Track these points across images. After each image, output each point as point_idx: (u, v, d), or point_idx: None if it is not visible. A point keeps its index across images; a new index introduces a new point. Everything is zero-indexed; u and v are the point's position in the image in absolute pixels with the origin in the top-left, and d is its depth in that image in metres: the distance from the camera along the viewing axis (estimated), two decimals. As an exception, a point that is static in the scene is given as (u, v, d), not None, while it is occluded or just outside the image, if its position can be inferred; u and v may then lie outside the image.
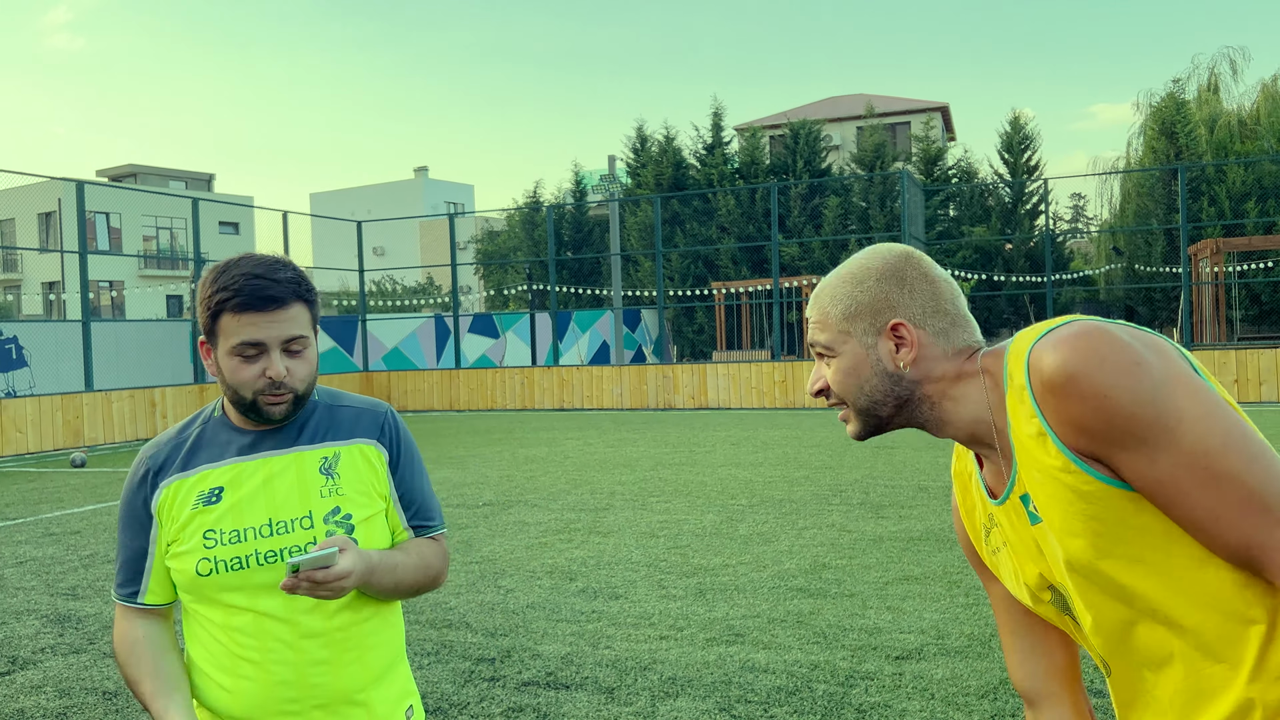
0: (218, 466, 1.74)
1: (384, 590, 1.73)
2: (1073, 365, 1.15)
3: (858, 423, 1.39)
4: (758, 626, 5.21)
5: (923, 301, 1.35)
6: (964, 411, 1.33)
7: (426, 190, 58.67)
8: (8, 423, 15.44)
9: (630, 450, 13.52)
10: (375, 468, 1.80)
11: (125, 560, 1.78)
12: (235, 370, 1.67)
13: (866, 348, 1.35)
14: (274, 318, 1.65)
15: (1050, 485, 1.22)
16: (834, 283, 1.40)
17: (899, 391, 1.35)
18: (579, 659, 4.80)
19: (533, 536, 7.76)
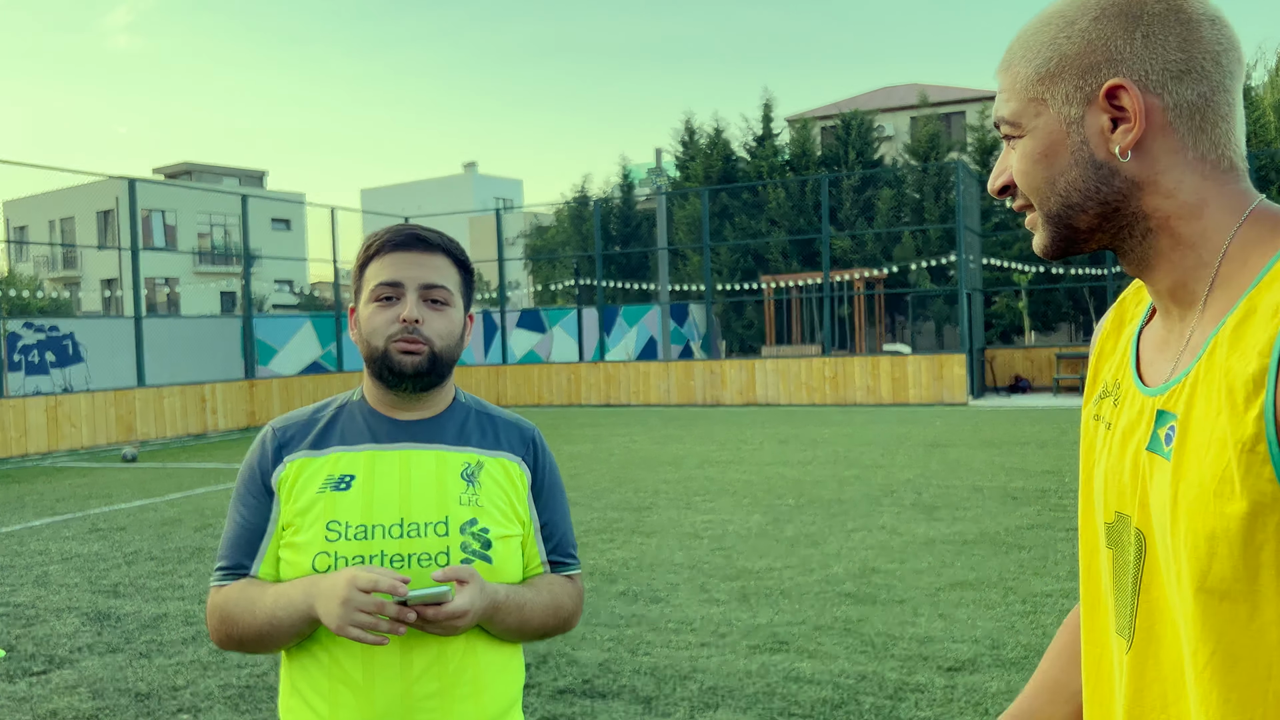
0: (352, 450, 1.60)
1: (507, 630, 1.58)
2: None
3: (1046, 232, 0.98)
4: (803, 634, 5.02)
5: (1167, 55, 0.89)
6: (1182, 263, 0.92)
7: (475, 186, 59.00)
8: (63, 418, 15.70)
9: (676, 447, 13.35)
10: (518, 487, 1.66)
11: (236, 537, 1.61)
12: (370, 317, 1.59)
13: (1066, 121, 0.93)
14: (417, 259, 1.58)
15: (1214, 446, 0.84)
16: (1035, 26, 0.97)
17: (1106, 194, 0.93)
18: (617, 666, 4.65)
19: (576, 537, 7.62)
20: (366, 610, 1.41)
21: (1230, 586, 0.83)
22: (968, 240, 21.03)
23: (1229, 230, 0.90)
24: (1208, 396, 0.86)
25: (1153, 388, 0.96)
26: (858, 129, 31.41)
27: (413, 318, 1.56)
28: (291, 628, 1.52)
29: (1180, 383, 0.90)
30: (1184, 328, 0.94)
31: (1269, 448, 0.80)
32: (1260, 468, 0.81)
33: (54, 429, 15.55)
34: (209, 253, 45.99)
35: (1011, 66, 0.98)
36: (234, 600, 1.58)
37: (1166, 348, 0.97)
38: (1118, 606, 0.99)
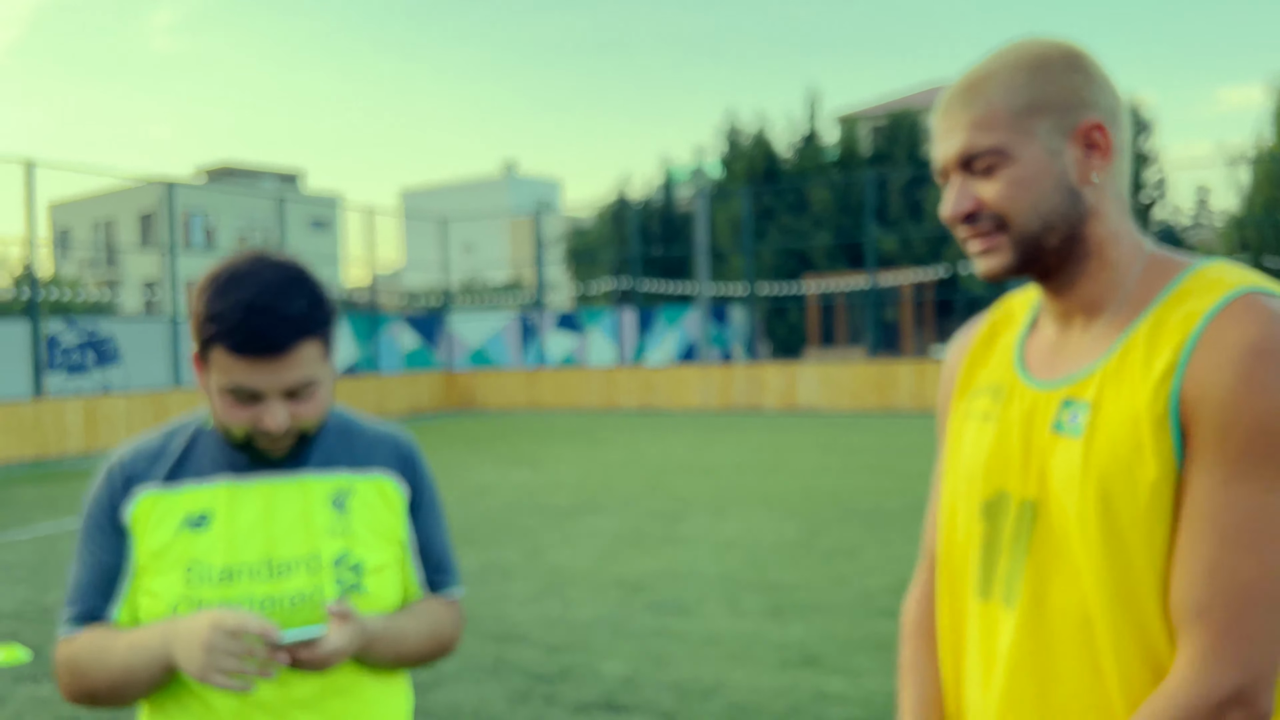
0: (208, 485, 1.46)
1: (383, 662, 1.48)
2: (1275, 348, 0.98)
3: (1011, 253, 1.12)
4: (835, 650, 4.85)
5: (1109, 102, 1.10)
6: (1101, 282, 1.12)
7: (515, 187, 59.23)
8: (101, 419, 15.86)
9: (712, 454, 13.19)
10: (393, 507, 1.53)
11: (87, 580, 1.45)
12: (226, 410, 1.40)
13: (1050, 152, 1.09)
14: (275, 365, 1.35)
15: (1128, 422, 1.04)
16: (997, 71, 1.11)
17: (1073, 218, 1.10)
18: (640, 680, 4.52)
19: (603, 545, 7.50)
20: (233, 654, 1.29)
21: (1133, 543, 1.03)
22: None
23: (1137, 257, 1.12)
24: (1124, 382, 1.06)
25: (1051, 380, 1.13)
26: (906, 127, 31.01)
27: (278, 429, 1.39)
28: (149, 677, 1.38)
29: (1090, 375, 1.09)
30: (1091, 332, 1.12)
31: (1170, 422, 1.02)
32: (1165, 441, 1.02)
33: (92, 430, 15.72)
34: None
35: (989, 100, 1.10)
36: (85, 650, 1.42)
37: (1065, 350, 1.15)
38: (990, 574, 1.16)
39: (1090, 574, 1.06)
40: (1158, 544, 1.03)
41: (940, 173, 1.15)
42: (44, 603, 6.24)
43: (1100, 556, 1.05)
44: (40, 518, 9.53)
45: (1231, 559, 0.98)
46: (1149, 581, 1.04)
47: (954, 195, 1.13)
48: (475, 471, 11.94)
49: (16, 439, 14.68)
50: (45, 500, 10.69)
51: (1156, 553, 1.03)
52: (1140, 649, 1.05)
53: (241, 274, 1.37)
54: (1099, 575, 1.05)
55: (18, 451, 14.68)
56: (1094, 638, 1.07)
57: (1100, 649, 1.06)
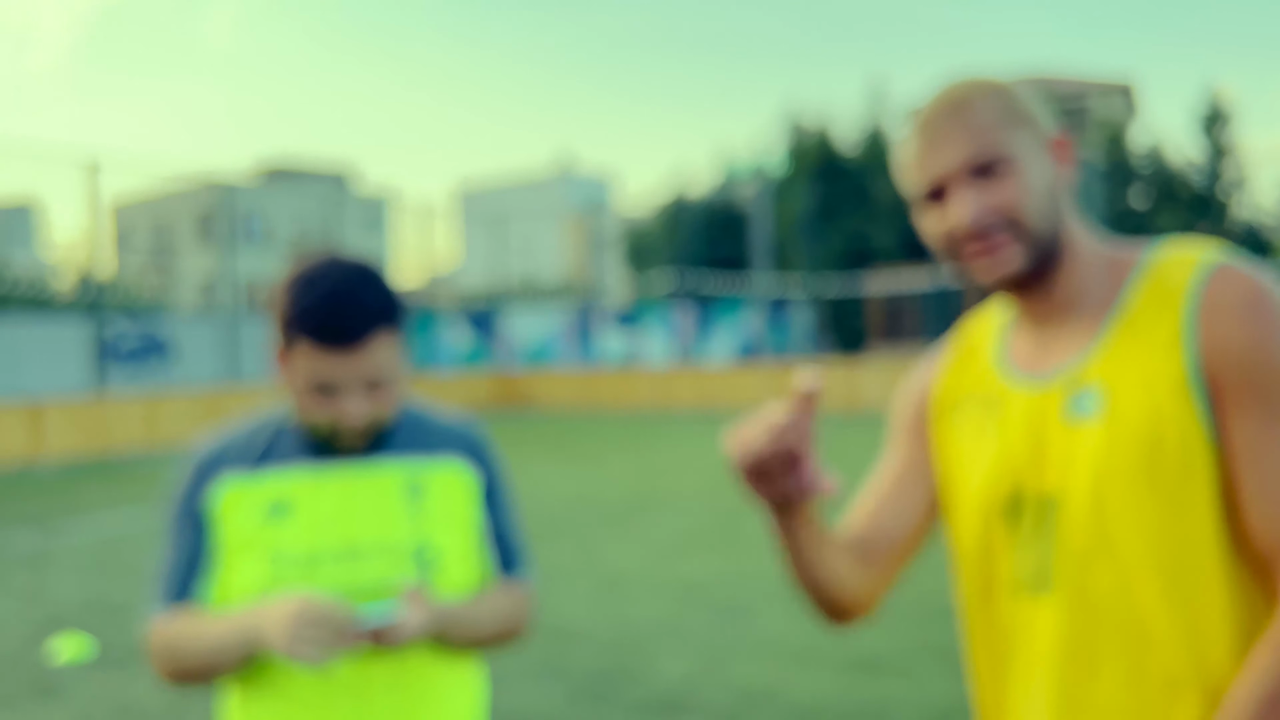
0: (290, 474, 1.52)
1: (457, 645, 1.54)
2: (1271, 301, 1.10)
3: (1024, 256, 1.17)
4: (897, 654, 4.74)
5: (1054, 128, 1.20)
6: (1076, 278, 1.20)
7: (571, 184, 59.43)
8: (160, 415, 16.16)
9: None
10: (467, 494, 1.58)
11: (178, 565, 1.52)
12: (307, 405, 1.48)
13: (1044, 163, 1.18)
14: (353, 356, 1.43)
15: (1147, 391, 1.11)
16: (977, 94, 1.17)
17: (1059, 221, 1.19)
18: (698, 682, 4.46)
19: (661, 545, 7.45)
20: (319, 630, 1.36)
21: (1177, 501, 1.10)
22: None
23: (1096, 251, 1.21)
24: (1133, 357, 1.13)
25: (1047, 376, 1.19)
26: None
27: (357, 421, 1.46)
28: (237, 656, 1.45)
29: (1086, 362, 1.16)
30: (1075, 323, 1.20)
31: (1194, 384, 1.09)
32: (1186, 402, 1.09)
33: (151, 426, 16.03)
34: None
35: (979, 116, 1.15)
36: (178, 630, 1.50)
37: (1056, 343, 1.21)
38: (1024, 569, 1.19)
39: (1130, 550, 1.11)
40: (1202, 498, 1.09)
41: (933, 188, 1.17)
42: (106, 594, 6.36)
43: (1138, 530, 1.10)
44: (104, 512, 9.74)
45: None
46: (1200, 535, 1.09)
47: (970, 204, 1.15)
48: (531, 471, 11.96)
49: (79, 435, 15.05)
50: (106, 495, 10.93)
51: (1204, 507, 1.09)
52: (1202, 611, 1.09)
53: (318, 273, 1.46)
54: (1140, 548, 1.11)
55: (79, 446, 15.04)
56: (1142, 613, 1.11)
57: (1158, 619, 1.10)
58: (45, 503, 10.48)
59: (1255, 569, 1.10)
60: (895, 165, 1.27)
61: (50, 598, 6.35)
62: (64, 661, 5.03)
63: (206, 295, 47.64)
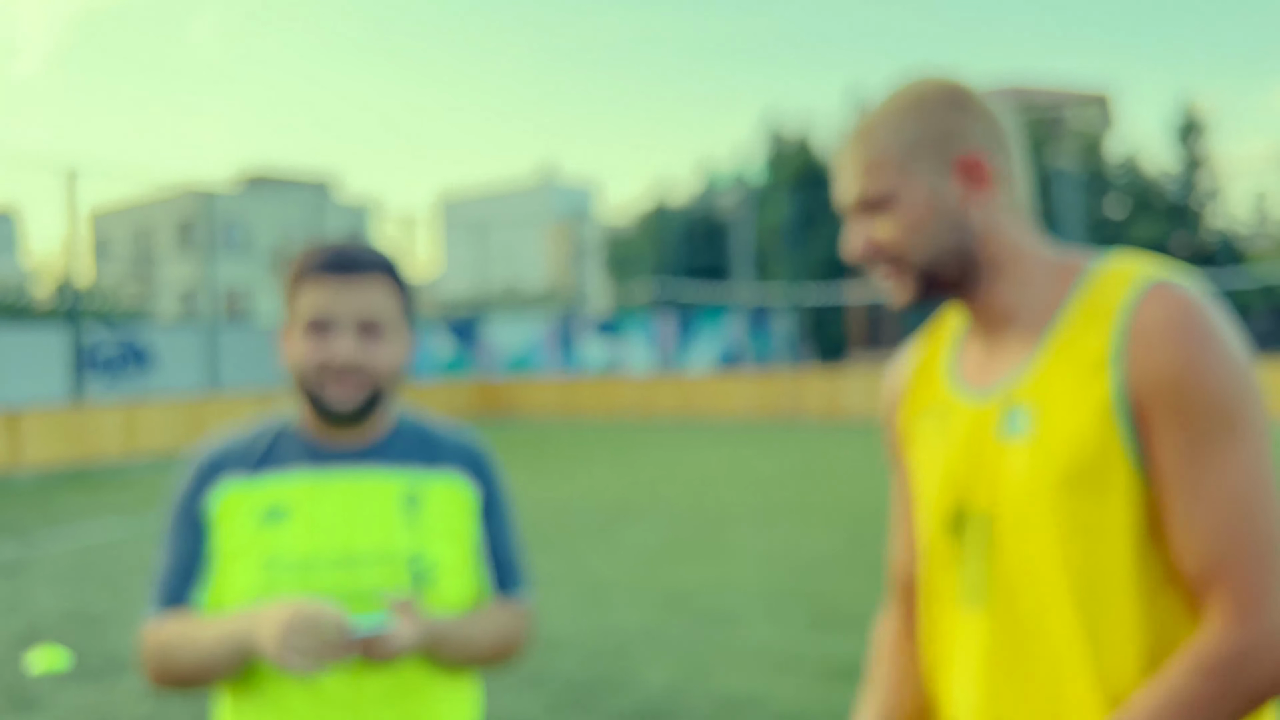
0: (289, 480, 1.51)
1: (452, 661, 1.50)
2: (1202, 322, 1.07)
3: (911, 285, 1.21)
4: (880, 663, 4.76)
5: (986, 132, 1.17)
6: (1011, 295, 1.19)
7: (554, 193, 59.45)
8: (139, 424, 16.04)
9: (753, 464, 13.10)
10: (465, 508, 1.56)
11: (175, 569, 1.51)
12: (301, 352, 1.47)
13: (933, 188, 1.16)
14: (350, 286, 1.45)
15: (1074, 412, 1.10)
16: (884, 116, 1.18)
17: (963, 244, 1.17)
18: (681, 691, 4.47)
19: (644, 554, 7.46)
20: (309, 639, 1.34)
21: (1095, 525, 1.10)
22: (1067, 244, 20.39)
23: (1040, 263, 1.19)
24: (1062, 377, 1.12)
25: (986, 391, 1.19)
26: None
27: (351, 360, 1.46)
28: (229, 661, 1.43)
29: (1021, 380, 1.15)
30: (1014, 339, 1.19)
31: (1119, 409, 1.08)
32: (1111, 426, 1.08)
33: (130, 435, 15.90)
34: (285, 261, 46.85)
35: (876, 145, 1.17)
36: (171, 635, 1.48)
37: (996, 357, 1.21)
38: (964, 581, 1.21)
39: (1048, 571, 1.12)
40: (1119, 523, 1.09)
41: (842, 211, 1.23)
42: (84, 605, 6.31)
43: (1056, 552, 1.11)
44: (82, 522, 9.65)
45: (1240, 517, 1.05)
46: (1115, 559, 1.10)
47: (851, 237, 1.21)
48: (513, 480, 11.90)
49: (57, 443, 14.91)
50: (84, 504, 10.84)
51: (1121, 532, 1.09)
52: (1110, 632, 1.10)
53: (324, 247, 1.52)
54: (1058, 570, 1.12)
55: (58, 455, 14.89)
56: (1056, 634, 1.12)
57: (1070, 639, 1.12)
58: (23, 512, 10.38)
59: (1177, 595, 1.10)
60: None
61: (28, 608, 6.29)
62: (41, 672, 4.98)
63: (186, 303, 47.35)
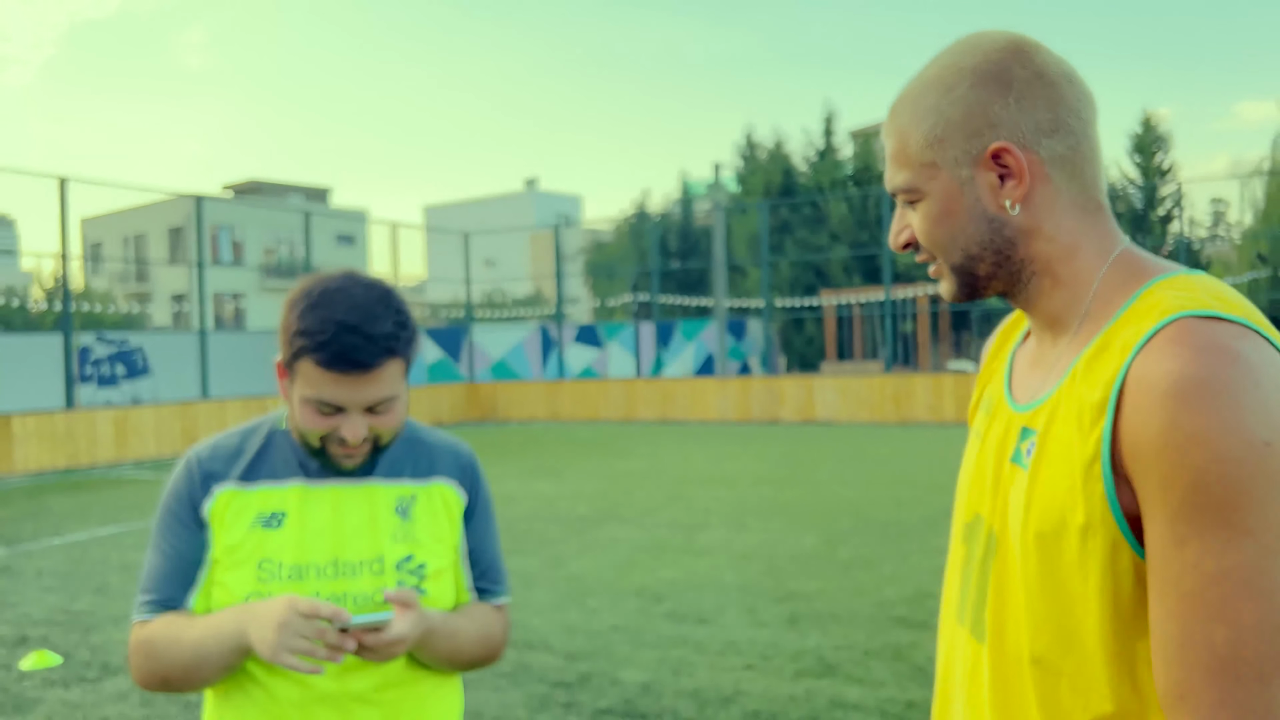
0: (282, 486, 1.52)
1: (437, 657, 1.53)
2: (1214, 377, 0.86)
3: (952, 281, 1.08)
4: (851, 659, 4.89)
5: (1037, 115, 1.00)
6: (1058, 301, 1.04)
7: (537, 202, 59.51)
8: (130, 429, 16.08)
9: (730, 466, 13.23)
10: (452, 514, 1.60)
11: (166, 570, 1.50)
12: (307, 419, 1.45)
13: (961, 182, 1.03)
14: (361, 382, 1.41)
15: (1064, 460, 0.96)
16: (915, 92, 1.06)
17: (999, 243, 1.03)
18: (659, 688, 4.58)
19: (623, 554, 7.57)
20: (305, 635, 1.35)
21: (1066, 588, 0.95)
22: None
23: (1098, 271, 1.02)
24: (1065, 417, 0.97)
25: (1020, 405, 1.07)
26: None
27: (357, 440, 1.45)
28: (221, 659, 1.43)
29: (1044, 403, 1.01)
30: (1055, 352, 1.05)
31: (1103, 468, 0.91)
32: (1094, 485, 0.92)
33: (121, 440, 15.95)
34: (275, 268, 46.90)
35: (900, 134, 1.07)
36: (160, 633, 1.47)
37: (1037, 368, 1.08)
38: (966, 601, 1.10)
39: (1030, 615, 0.99)
40: (1091, 593, 0.94)
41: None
42: (74, 609, 6.37)
43: (1039, 598, 0.98)
44: (71, 526, 9.69)
45: (1202, 630, 0.86)
46: (1088, 627, 0.95)
47: (894, 226, 1.12)
48: (497, 482, 12.03)
49: (49, 449, 14.93)
50: (76, 509, 10.86)
51: (1091, 602, 0.94)
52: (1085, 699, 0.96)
53: (332, 291, 1.42)
54: (1038, 617, 0.98)
55: (50, 461, 14.93)
56: (1037, 681, 0.99)
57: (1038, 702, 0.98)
58: (13, 517, 10.40)
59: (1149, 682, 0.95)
60: None
61: (18, 612, 6.34)
62: (31, 676, 5.05)
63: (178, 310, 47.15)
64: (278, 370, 1.50)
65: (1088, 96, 1.03)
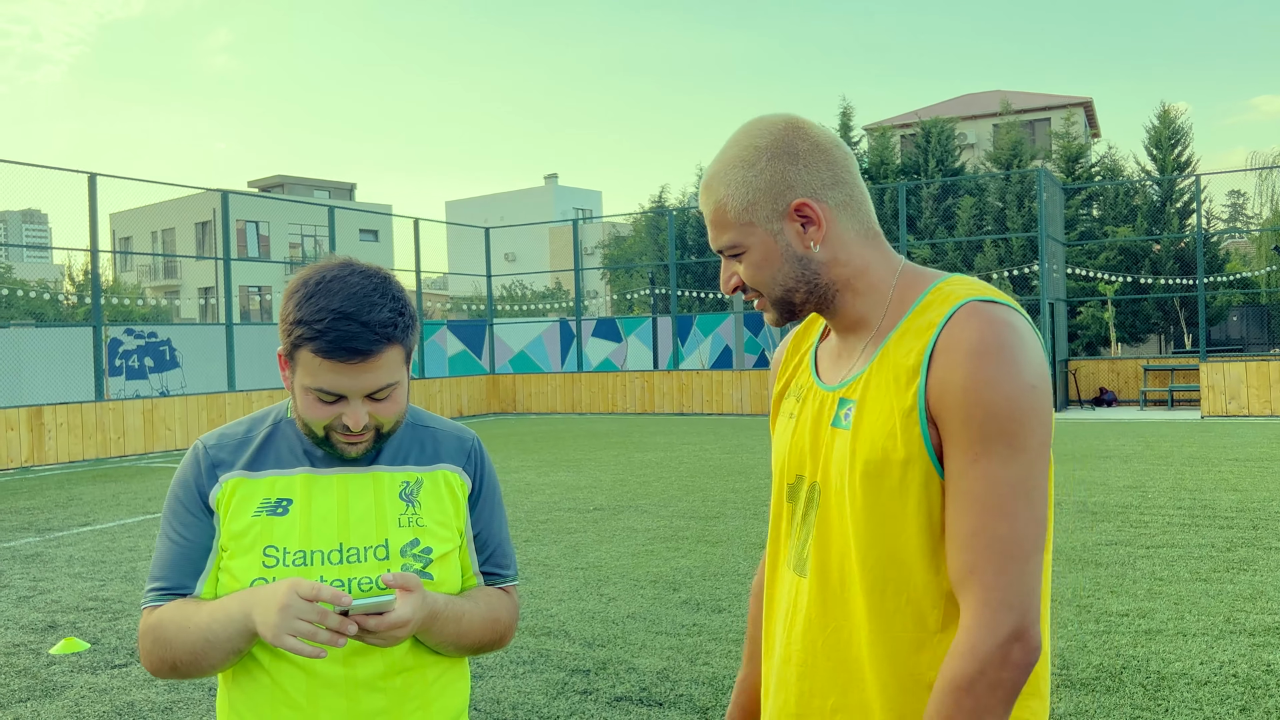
0: (287, 474, 1.53)
1: (443, 641, 1.53)
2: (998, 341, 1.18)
3: (774, 311, 1.36)
4: (865, 647, 4.94)
5: (820, 174, 1.30)
6: (860, 307, 1.33)
7: (556, 197, 59.57)
8: (159, 421, 16.33)
9: (747, 457, 13.28)
10: (457, 498, 1.61)
11: (175, 557, 1.51)
12: (309, 408, 1.47)
13: (773, 234, 1.31)
14: (360, 370, 1.42)
15: (884, 414, 1.25)
16: (722, 170, 1.33)
17: (809, 275, 1.32)
18: (675, 675, 4.65)
19: (640, 543, 7.65)
20: (306, 619, 1.34)
21: (889, 511, 1.24)
22: (1051, 249, 20.50)
23: (889, 280, 1.33)
24: (880, 383, 1.27)
25: (832, 385, 1.35)
26: (938, 137, 30.86)
27: (359, 426, 1.46)
28: (228, 643, 1.44)
29: (857, 379, 1.30)
30: (858, 344, 1.34)
31: (919, 414, 1.22)
32: (913, 428, 1.22)
33: (150, 431, 16.20)
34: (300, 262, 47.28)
35: (718, 204, 1.32)
36: (168, 619, 1.48)
37: (844, 358, 1.36)
38: (795, 547, 1.37)
39: (854, 543, 1.27)
40: (910, 513, 1.23)
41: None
42: (103, 596, 6.50)
43: (864, 527, 1.26)
44: (101, 515, 9.86)
45: (989, 524, 1.17)
46: (909, 545, 1.23)
47: (723, 275, 1.38)
48: (518, 472, 12.13)
49: (79, 439, 15.22)
50: (106, 498, 11.05)
51: (909, 519, 1.23)
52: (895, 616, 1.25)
53: (330, 280, 1.44)
54: (861, 544, 1.26)
55: (80, 451, 15.21)
56: (861, 600, 1.26)
57: (868, 611, 1.26)
58: (45, 505, 10.59)
59: None
60: None
61: (48, 598, 6.47)
62: (60, 661, 5.16)
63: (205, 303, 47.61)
64: (279, 360, 1.51)
65: (850, 156, 1.34)
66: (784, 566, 1.40)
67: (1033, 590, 1.17)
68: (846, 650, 1.29)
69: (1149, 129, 29.34)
